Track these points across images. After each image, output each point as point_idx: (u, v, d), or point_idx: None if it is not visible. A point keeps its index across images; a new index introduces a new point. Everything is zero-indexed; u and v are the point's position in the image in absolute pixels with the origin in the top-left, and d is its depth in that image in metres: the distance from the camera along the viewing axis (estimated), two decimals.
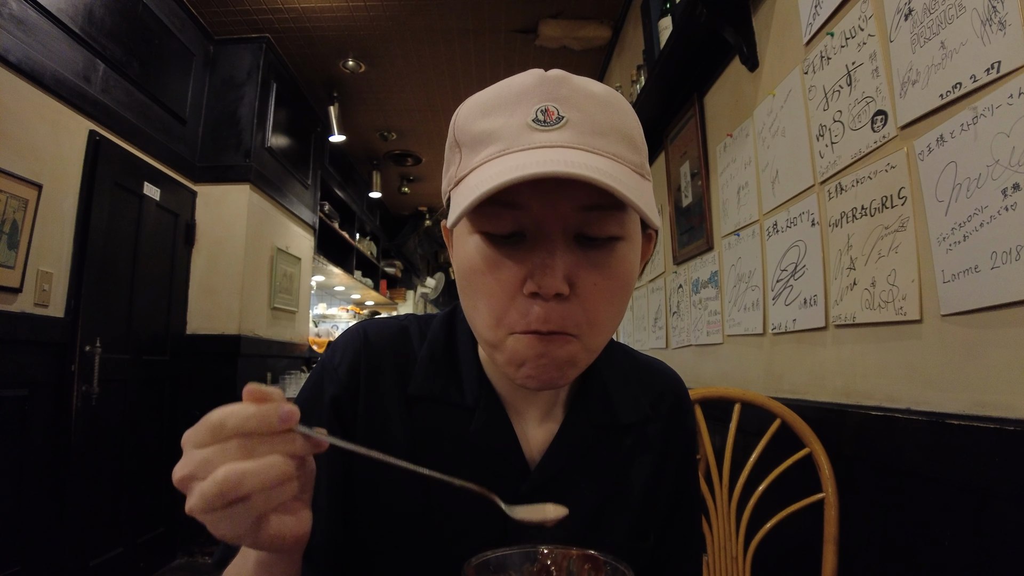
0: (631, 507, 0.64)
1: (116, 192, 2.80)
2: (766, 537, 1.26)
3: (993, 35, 0.88)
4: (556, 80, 0.50)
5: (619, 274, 0.52)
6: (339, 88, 4.43)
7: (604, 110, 0.50)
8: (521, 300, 0.50)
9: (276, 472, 0.38)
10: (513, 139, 0.49)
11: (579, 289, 0.50)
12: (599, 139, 0.49)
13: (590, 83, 0.52)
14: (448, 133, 0.56)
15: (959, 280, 0.94)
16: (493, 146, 0.49)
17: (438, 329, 0.67)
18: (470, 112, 0.53)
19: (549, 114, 0.49)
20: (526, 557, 0.42)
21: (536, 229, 0.49)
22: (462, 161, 0.52)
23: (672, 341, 2.53)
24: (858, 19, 1.22)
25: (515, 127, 0.49)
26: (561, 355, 0.51)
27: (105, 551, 2.71)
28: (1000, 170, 0.86)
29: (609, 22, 3.56)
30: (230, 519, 0.38)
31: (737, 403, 1.37)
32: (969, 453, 0.89)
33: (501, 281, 0.50)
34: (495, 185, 0.44)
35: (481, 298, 0.52)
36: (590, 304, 0.50)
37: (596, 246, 0.50)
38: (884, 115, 1.13)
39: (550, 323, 0.49)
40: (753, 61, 1.70)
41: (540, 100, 0.49)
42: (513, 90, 0.51)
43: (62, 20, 2.44)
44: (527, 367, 0.51)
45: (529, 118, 0.49)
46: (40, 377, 2.35)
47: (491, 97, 0.52)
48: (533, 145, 0.48)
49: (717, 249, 2.02)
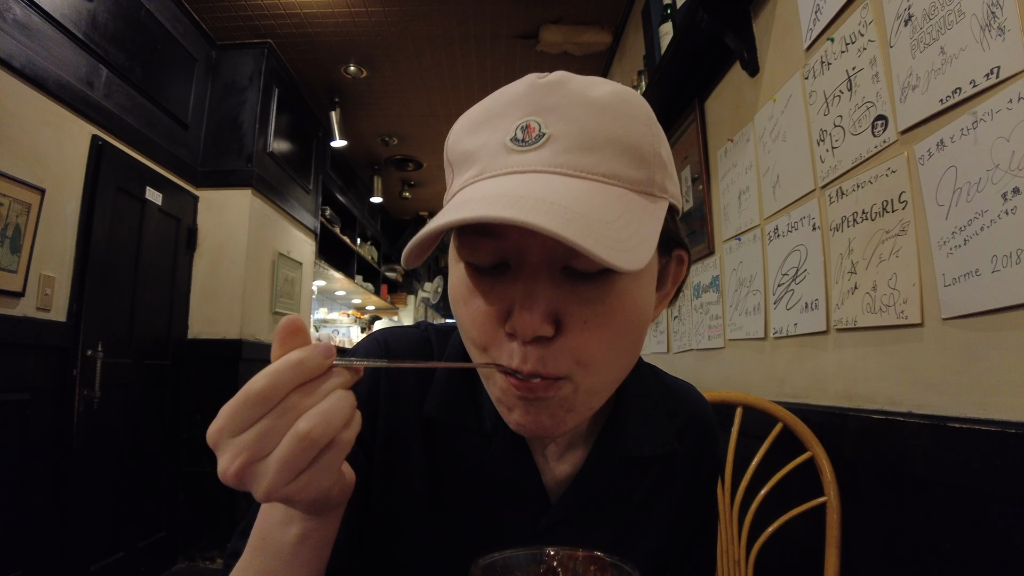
0: (652, 540, 0.62)
1: (118, 197, 2.81)
2: (768, 541, 1.26)
3: (992, 40, 0.88)
4: (547, 87, 0.45)
5: (617, 310, 0.45)
6: (341, 93, 4.44)
7: (600, 118, 0.44)
8: (503, 338, 0.45)
9: (348, 404, 0.37)
10: (488, 162, 0.44)
11: (567, 327, 0.44)
12: (586, 156, 0.43)
13: (594, 85, 0.46)
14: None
15: (960, 284, 0.94)
16: (471, 169, 0.45)
17: (457, 346, 0.62)
18: (460, 128, 0.49)
19: (529, 131, 0.43)
20: (532, 558, 0.42)
21: (519, 260, 0.45)
22: (453, 181, 0.49)
23: (673, 345, 2.54)
24: (858, 24, 1.23)
25: (493, 147, 0.44)
26: (552, 400, 0.46)
27: (106, 556, 2.71)
28: (1000, 174, 0.86)
29: (610, 27, 3.58)
30: (321, 472, 0.37)
31: (739, 407, 1.38)
32: (971, 456, 0.90)
33: (484, 314, 0.46)
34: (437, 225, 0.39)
35: (466, 329, 0.49)
36: (581, 344, 0.45)
37: (588, 279, 0.44)
38: (884, 120, 1.14)
39: (528, 364, 0.44)
40: (754, 66, 1.71)
41: (524, 113, 0.44)
42: (501, 102, 0.46)
43: (65, 25, 2.45)
44: (517, 413, 0.48)
45: (508, 136, 0.44)
46: (42, 381, 2.36)
47: (481, 111, 0.48)
48: (505, 170, 0.43)
49: (718, 253, 2.03)
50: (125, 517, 2.86)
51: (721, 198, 1.99)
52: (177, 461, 3.33)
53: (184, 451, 3.36)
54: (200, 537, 3.35)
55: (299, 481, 0.36)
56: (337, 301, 7.34)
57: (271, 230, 3.92)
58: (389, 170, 6.09)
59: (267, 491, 0.35)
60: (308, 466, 0.36)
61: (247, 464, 0.35)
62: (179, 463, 3.34)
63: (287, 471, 0.35)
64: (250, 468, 0.35)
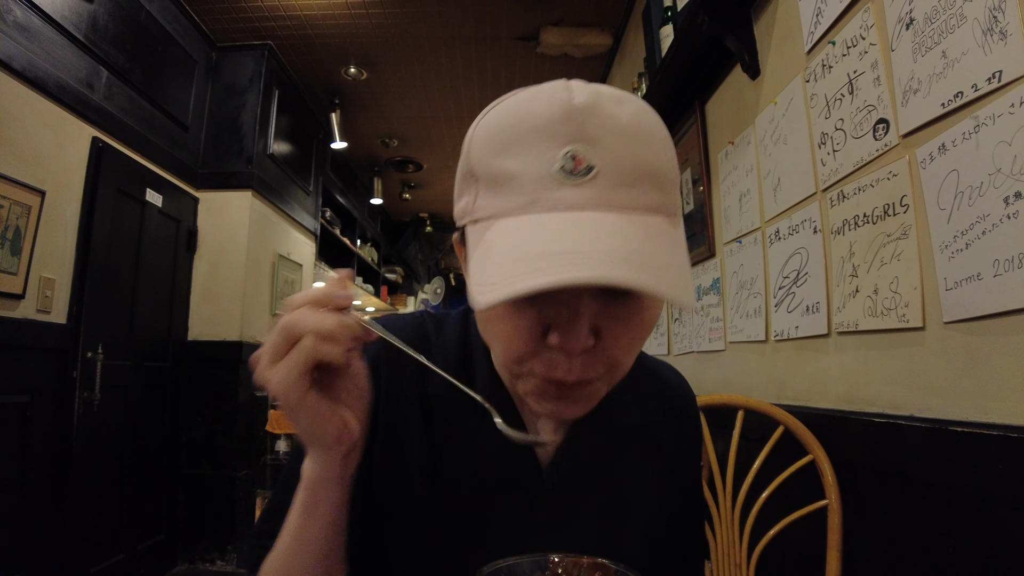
0: (645, 512, 0.65)
1: (119, 198, 2.81)
2: (769, 544, 1.26)
3: (994, 45, 0.88)
4: (583, 114, 0.45)
5: (644, 322, 0.50)
6: (341, 95, 4.45)
7: (634, 148, 0.46)
8: (544, 350, 0.49)
9: (329, 322, 0.46)
10: (538, 192, 0.45)
11: (603, 339, 0.48)
12: (629, 191, 0.45)
13: (619, 106, 0.47)
14: (461, 155, 0.52)
15: (961, 288, 0.94)
16: (516, 195, 0.46)
17: (452, 329, 0.67)
18: (488, 142, 0.48)
19: (577, 163, 0.44)
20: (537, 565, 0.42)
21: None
22: (479, 197, 0.49)
23: (674, 348, 2.54)
24: (859, 28, 1.23)
25: (539, 175, 0.45)
26: (583, 396, 0.51)
27: (106, 558, 2.71)
28: (1002, 178, 0.86)
29: (610, 29, 3.58)
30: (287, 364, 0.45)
31: (740, 410, 1.38)
32: (972, 460, 0.90)
33: (522, 331, 0.48)
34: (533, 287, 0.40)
35: (500, 341, 0.51)
36: (614, 352, 0.49)
37: (621, 298, 0.48)
38: (886, 123, 1.14)
39: (574, 374, 0.48)
40: (755, 69, 1.71)
41: (566, 142, 0.44)
42: (536, 122, 0.45)
43: (66, 27, 2.46)
44: (548, 404, 0.52)
45: (554, 166, 0.44)
46: (42, 383, 2.35)
47: (511, 127, 0.47)
48: (560, 206, 0.44)
49: (719, 256, 2.03)
50: (125, 519, 2.86)
51: (722, 201, 1.99)
52: (177, 463, 3.33)
53: (184, 453, 3.36)
54: (200, 539, 3.35)
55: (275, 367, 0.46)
56: None
57: (271, 232, 3.92)
58: (389, 172, 6.09)
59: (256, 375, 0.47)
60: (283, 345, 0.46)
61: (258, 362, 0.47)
62: (179, 465, 3.34)
63: (267, 355, 0.46)
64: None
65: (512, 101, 0.49)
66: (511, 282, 0.41)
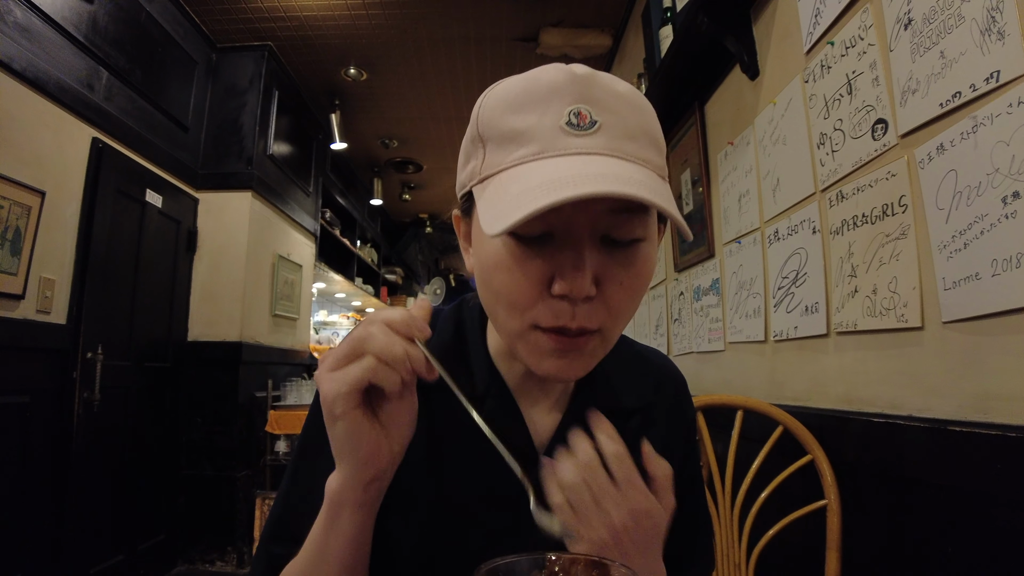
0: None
1: (119, 199, 2.81)
2: (769, 544, 1.27)
3: (992, 45, 0.89)
4: (586, 80, 0.50)
5: (643, 272, 0.53)
6: (341, 96, 4.45)
7: (633, 112, 0.51)
8: (549, 299, 0.50)
9: (396, 350, 0.47)
10: (547, 142, 0.48)
11: (604, 288, 0.51)
12: (630, 144, 0.50)
13: (615, 82, 0.52)
14: (469, 125, 0.55)
15: (960, 287, 0.94)
16: (526, 147, 0.49)
17: (446, 320, 0.69)
18: (497, 105, 0.52)
19: (582, 117, 0.48)
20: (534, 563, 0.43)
21: (565, 230, 0.50)
22: (487, 157, 0.52)
23: (674, 348, 2.54)
24: (858, 28, 1.23)
25: (548, 129, 0.49)
26: (583, 350, 0.53)
27: (106, 558, 2.71)
28: (1000, 178, 0.87)
29: (610, 30, 3.58)
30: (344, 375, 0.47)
31: (739, 410, 1.38)
32: (971, 459, 0.90)
33: (528, 279, 0.50)
34: (543, 205, 0.43)
35: (505, 293, 0.52)
36: (614, 302, 0.52)
37: (621, 247, 0.51)
38: (884, 124, 1.14)
39: (578, 321, 0.50)
40: (754, 70, 1.71)
41: (572, 101, 0.49)
42: (543, 86, 0.50)
43: (66, 28, 2.46)
44: (551, 361, 0.53)
45: (562, 120, 0.48)
46: (42, 384, 2.36)
47: (520, 92, 0.51)
48: (568, 151, 0.48)
49: (718, 256, 2.03)
50: (125, 519, 2.86)
51: (721, 201, 1.99)
52: (177, 463, 3.33)
53: (184, 453, 3.36)
54: (199, 540, 3.35)
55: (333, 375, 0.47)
56: (337, 303, 7.34)
57: (271, 232, 3.92)
58: (389, 172, 6.10)
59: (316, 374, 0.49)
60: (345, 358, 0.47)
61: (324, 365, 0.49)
62: (179, 465, 3.34)
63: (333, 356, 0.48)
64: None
65: (517, 76, 0.53)
66: (524, 206, 0.44)
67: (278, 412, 3.50)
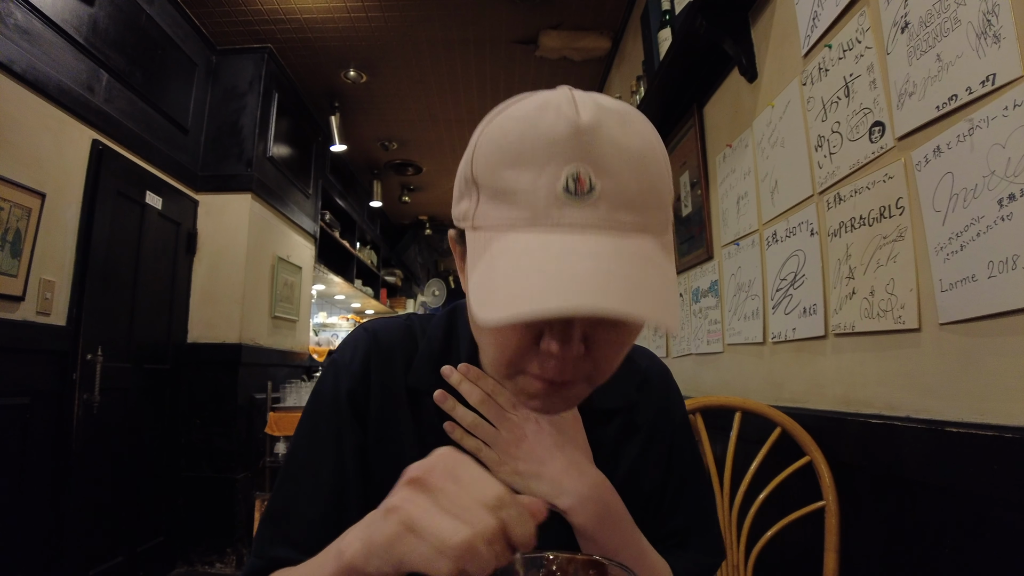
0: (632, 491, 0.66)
1: (118, 201, 2.82)
2: (767, 545, 1.27)
3: (988, 48, 0.89)
4: (590, 133, 0.46)
5: (633, 330, 0.53)
6: (340, 98, 4.45)
7: (637, 172, 0.47)
8: (536, 354, 0.51)
9: (492, 565, 0.40)
10: (541, 210, 0.46)
11: (593, 345, 0.51)
12: (630, 214, 0.47)
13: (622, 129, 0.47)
14: (464, 156, 0.53)
15: (957, 289, 0.95)
16: (518, 209, 0.47)
17: (437, 326, 0.70)
18: (493, 153, 0.48)
19: (581, 183, 0.45)
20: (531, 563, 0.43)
21: None
22: (480, 205, 0.50)
23: (672, 350, 2.54)
24: (855, 31, 1.23)
25: (543, 193, 0.46)
26: (569, 396, 0.55)
27: (105, 560, 2.70)
28: (996, 180, 0.87)
29: (609, 33, 3.59)
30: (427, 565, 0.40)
31: (738, 412, 1.38)
32: (968, 460, 0.90)
33: (518, 337, 0.51)
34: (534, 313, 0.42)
35: (495, 346, 0.54)
36: (602, 356, 0.52)
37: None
38: (882, 126, 1.15)
39: (564, 375, 0.51)
40: (752, 72, 1.72)
41: (569, 159, 0.45)
42: (542, 139, 0.46)
43: (66, 30, 2.46)
44: (536, 402, 0.55)
45: (559, 185, 0.45)
46: (41, 385, 2.36)
47: (517, 141, 0.47)
48: (562, 223, 0.46)
49: (717, 258, 2.03)
50: (124, 521, 2.86)
51: (720, 203, 1.99)
52: (176, 465, 3.32)
53: (183, 455, 3.36)
54: (199, 541, 3.35)
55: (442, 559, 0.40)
56: (336, 305, 7.34)
57: (271, 234, 3.93)
58: (388, 174, 6.10)
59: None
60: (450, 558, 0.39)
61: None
62: (178, 467, 3.33)
63: (439, 546, 0.40)
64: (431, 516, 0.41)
65: (518, 110, 0.49)
66: (514, 304, 0.42)
67: (278, 414, 3.50)
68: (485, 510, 0.40)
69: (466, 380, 0.64)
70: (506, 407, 0.63)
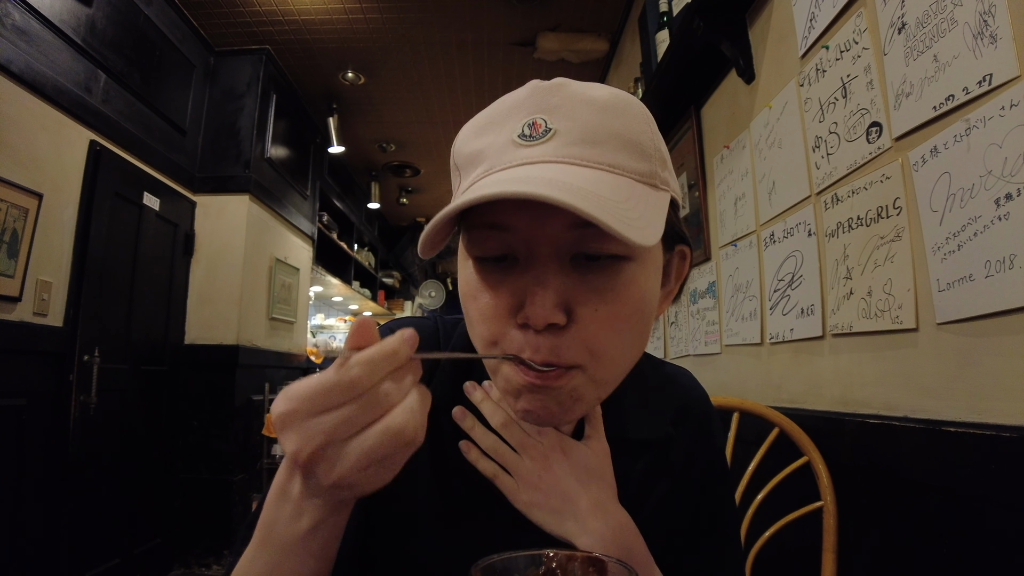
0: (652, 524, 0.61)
1: (116, 202, 2.81)
2: (765, 546, 1.27)
3: (985, 48, 0.89)
4: (549, 89, 0.47)
5: (626, 299, 0.46)
6: (338, 99, 4.46)
7: (602, 115, 0.46)
8: (513, 329, 0.47)
9: (427, 402, 0.38)
10: (497, 157, 0.46)
11: (578, 317, 0.45)
12: (591, 149, 0.45)
13: (594, 88, 0.48)
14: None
15: (954, 289, 0.95)
16: (480, 167, 0.47)
17: (461, 337, 0.65)
18: (466, 133, 0.51)
19: (535, 127, 0.45)
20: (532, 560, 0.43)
21: (527, 252, 0.46)
22: (460, 184, 0.50)
23: (670, 351, 2.54)
24: (852, 32, 1.24)
25: (500, 144, 0.46)
26: (562, 389, 0.47)
27: (101, 562, 2.69)
28: (993, 180, 0.87)
29: (607, 35, 3.60)
30: (391, 465, 0.37)
31: (735, 412, 1.38)
32: (966, 460, 0.90)
33: (493, 307, 0.47)
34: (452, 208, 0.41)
35: (475, 325, 0.50)
36: (591, 333, 0.46)
37: (597, 268, 0.46)
38: (879, 127, 1.15)
39: (541, 354, 0.45)
40: (750, 74, 1.72)
41: (529, 113, 0.46)
42: (506, 105, 0.48)
43: (64, 31, 2.46)
44: (523, 400, 0.48)
45: (515, 133, 0.46)
46: (38, 387, 2.35)
47: (485, 116, 0.50)
48: (514, 163, 0.45)
49: (715, 259, 2.04)
50: (121, 523, 2.85)
51: (717, 204, 2.00)
52: (173, 467, 3.31)
53: (180, 457, 3.35)
54: (196, 544, 3.34)
55: (370, 471, 0.36)
56: (334, 307, 7.33)
57: (268, 236, 3.92)
58: (387, 176, 6.10)
59: (339, 477, 0.35)
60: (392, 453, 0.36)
61: (323, 447, 0.35)
62: (175, 469, 3.33)
63: (367, 460, 0.35)
64: (324, 450, 0.35)
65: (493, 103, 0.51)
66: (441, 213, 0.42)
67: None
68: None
69: (488, 399, 0.57)
70: (531, 432, 0.57)
